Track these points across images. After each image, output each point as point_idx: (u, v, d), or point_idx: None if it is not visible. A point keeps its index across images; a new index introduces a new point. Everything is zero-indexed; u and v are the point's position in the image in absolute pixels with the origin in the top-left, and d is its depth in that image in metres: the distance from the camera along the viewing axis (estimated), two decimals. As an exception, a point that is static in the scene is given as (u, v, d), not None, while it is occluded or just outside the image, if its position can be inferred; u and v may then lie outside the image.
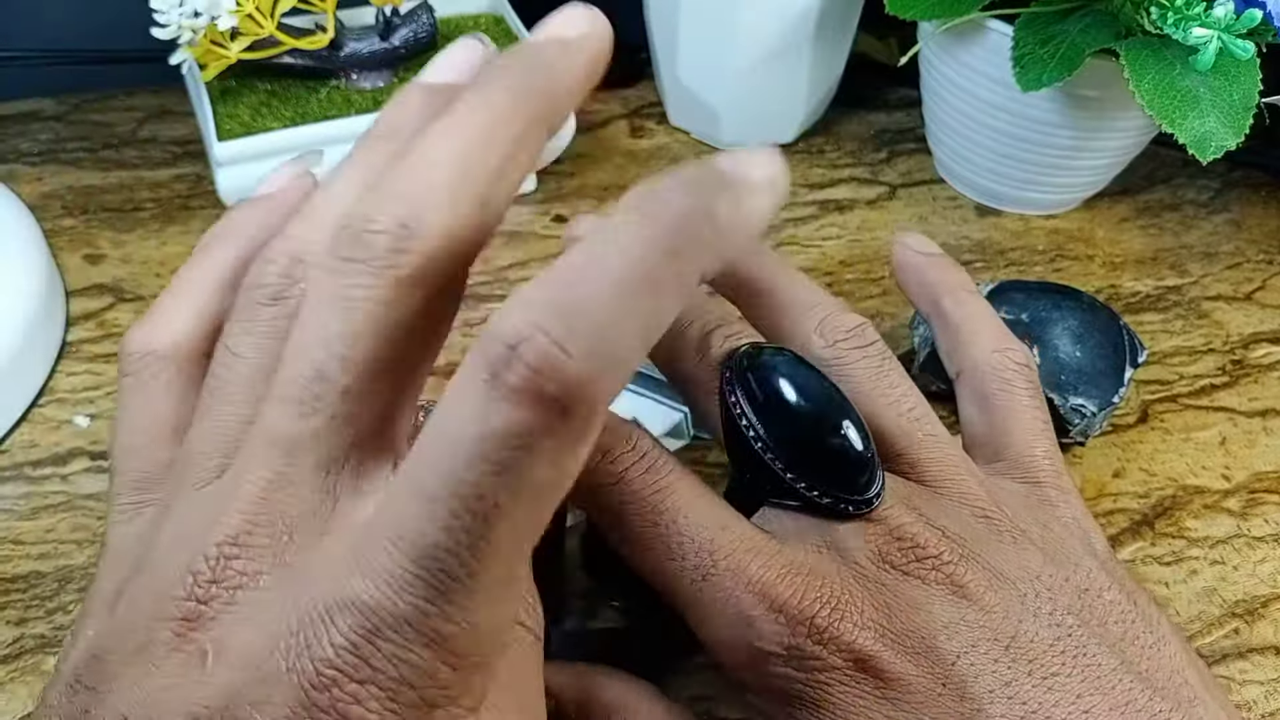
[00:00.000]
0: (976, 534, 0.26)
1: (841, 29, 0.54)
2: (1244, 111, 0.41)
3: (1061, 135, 0.48)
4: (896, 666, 0.24)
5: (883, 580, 0.25)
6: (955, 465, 0.28)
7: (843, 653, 0.24)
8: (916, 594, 0.25)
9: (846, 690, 0.24)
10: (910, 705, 0.24)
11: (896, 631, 0.24)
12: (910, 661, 0.24)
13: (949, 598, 0.25)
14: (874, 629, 0.24)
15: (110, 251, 0.47)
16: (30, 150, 0.52)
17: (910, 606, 0.24)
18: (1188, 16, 0.40)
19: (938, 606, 0.25)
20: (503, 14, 0.53)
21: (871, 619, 0.24)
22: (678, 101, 0.56)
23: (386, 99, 0.47)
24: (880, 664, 0.24)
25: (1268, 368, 0.46)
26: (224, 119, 0.45)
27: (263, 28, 0.44)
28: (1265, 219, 0.55)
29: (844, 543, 0.26)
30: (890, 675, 0.24)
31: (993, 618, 0.24)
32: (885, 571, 0.25)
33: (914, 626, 0.24)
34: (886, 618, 0.24)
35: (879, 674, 0.24)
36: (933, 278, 0.34)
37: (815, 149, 0.57)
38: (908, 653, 0.24)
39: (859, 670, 0.24)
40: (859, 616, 0.24)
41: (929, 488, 0.28)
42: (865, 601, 0.25)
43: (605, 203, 0.52)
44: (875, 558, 0.25)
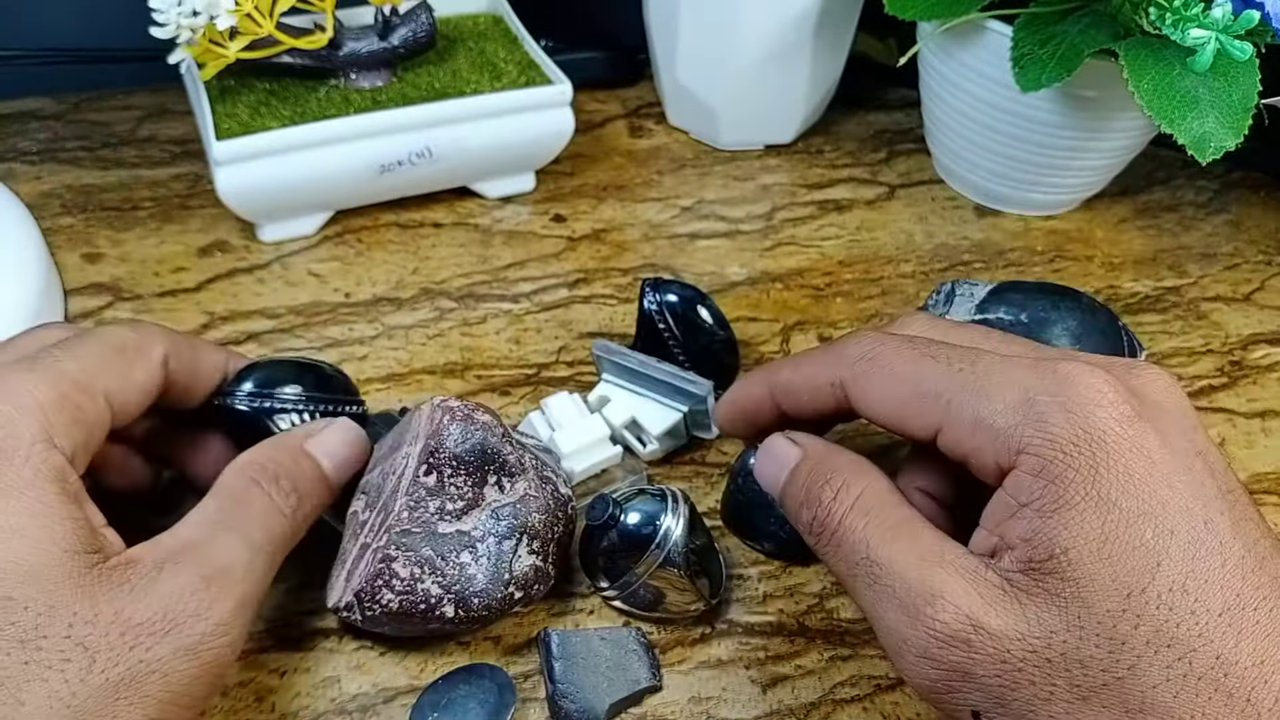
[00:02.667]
0: None
1: (841, 29, 0.54)
2: (1243, 112, 0.41)
3: (1061, 136, 0.48)
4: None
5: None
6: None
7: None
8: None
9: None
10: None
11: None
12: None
13: None
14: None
15: (109, 250, 0.47)
16: (29, 149, 0.52)
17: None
18: (1186, 17, 0.40)
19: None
20: (502, 14, 0.53)
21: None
22: (677, 101, 0.56)
23: (385, 98, 0.47)
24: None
25: (1266, 369, 0.46)
26: (222, 118, 0.45)
27: (261, 27, 0.44)
28: (1264, 220, 0.55)
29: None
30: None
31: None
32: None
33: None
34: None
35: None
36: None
37: (815, 149, 0.57)
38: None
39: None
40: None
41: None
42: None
43: (604, 202, 0.52)
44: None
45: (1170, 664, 0.23)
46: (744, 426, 0.34)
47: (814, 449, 0.30)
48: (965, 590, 0.25)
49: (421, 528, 0.31)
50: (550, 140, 0.50)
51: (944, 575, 0.25)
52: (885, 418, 0.29)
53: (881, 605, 0.26)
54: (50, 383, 0.28)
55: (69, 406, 0.28)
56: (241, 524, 0.29)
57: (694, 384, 0.37)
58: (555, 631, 0.32)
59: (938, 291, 0.42)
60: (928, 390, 0.27)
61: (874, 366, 0.29)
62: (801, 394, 0.31)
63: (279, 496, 0.30)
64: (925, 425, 0.28)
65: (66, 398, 0.28)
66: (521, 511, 0.32)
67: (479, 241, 0.49)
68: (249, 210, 0.46)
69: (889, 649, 0.26)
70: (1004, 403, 0.26)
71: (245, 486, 0.30)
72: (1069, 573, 0.24)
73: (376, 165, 0.46)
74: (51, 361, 0.28)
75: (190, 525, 0.29)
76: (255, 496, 0.30)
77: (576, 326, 0.45)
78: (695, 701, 0.32)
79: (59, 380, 0.28)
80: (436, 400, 0.32)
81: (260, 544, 0.29)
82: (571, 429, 0.38)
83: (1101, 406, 0.25)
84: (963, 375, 0.27)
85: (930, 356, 0.28)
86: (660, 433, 0.38)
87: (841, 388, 0.30)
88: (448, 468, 0.31)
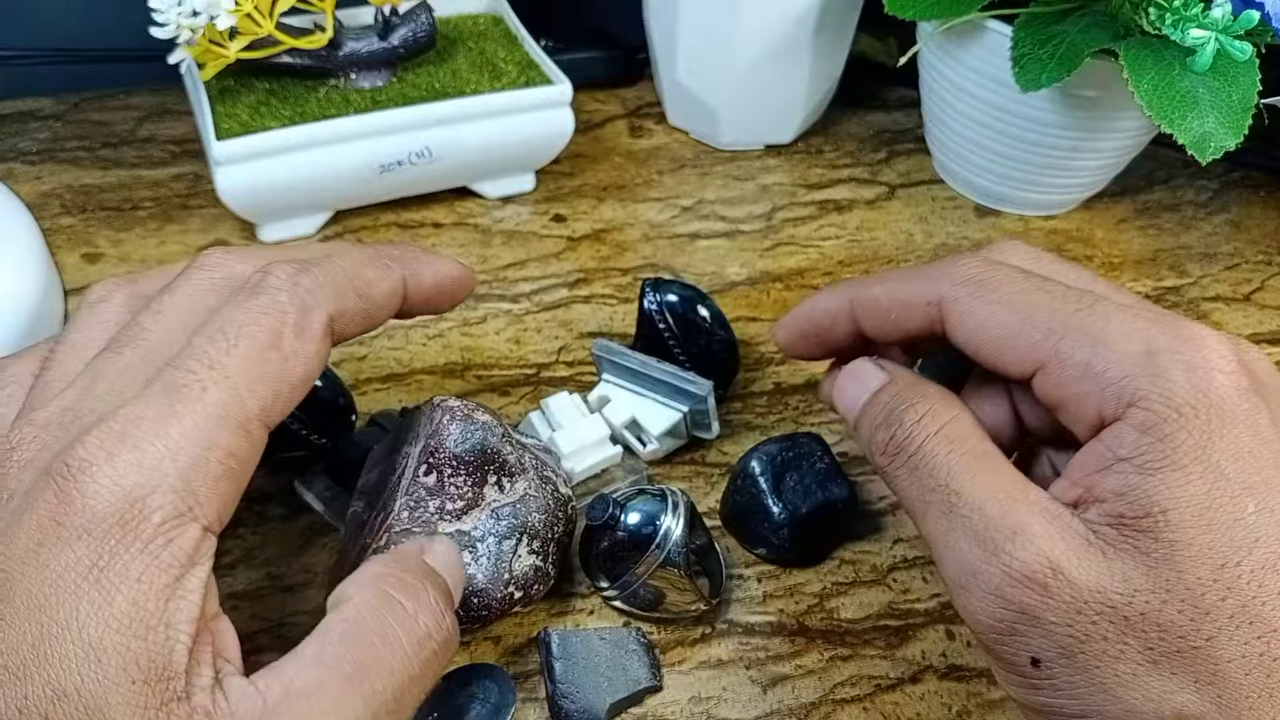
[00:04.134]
0: None
1: (841, 29, 0.54)
2: (1243, 112, 0.41)
3: (1061, 136, 0.48)
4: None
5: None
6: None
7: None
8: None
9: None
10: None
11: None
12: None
13: None
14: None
15: (108, 250, 0.47)
16: (29, 149, 0.52)
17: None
18: (1185, 17, 0.40)
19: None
20: (502, 14, 0.53)
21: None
22: (677, 101, 0.56)
23: (385, 98, 0.47)
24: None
25: (1266, 368, 0.46)
26: (222, 118, 0.45)
27: (261, 27, 0.44)
28: (1264, 220, 0.55)
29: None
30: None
31: None
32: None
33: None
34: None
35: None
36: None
37: (815, 149, 0.57)
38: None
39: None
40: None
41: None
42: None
43: (604, 202, 0.52)
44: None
45: (1249, 641, 0.22)
46: (810, 343, 0.32)
47: (902, 374, 0.29)
48: (1048, 532, 0.24)
49: (421, 528, 0.31)
50: (550, 140, 0.50)
51: (1027, 513, 0.24)
52: (983, 347, 0.27)
53: (954, 535, 0.25)
54: (198, 431, 0.22)
55: (219, 454, 0.23)
56: (370, 673, 0.23)
57: (694, 384, 0.37)
58: (555, 631, 0.32)
59: (938, 291, 0.42)
60: (1039, 325, 0.26)
61: (983, 290, 0.27)
62: (890, 310, 0.29)
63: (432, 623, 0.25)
64: (1025, 361, 0.26)
65: (217, 445, 0.23)
66: (521, 511, 0.32)
67: (479, 241, 0.49)
68: (249, 210, 0.46)
69: (953, 581, 0.25)
70: (1122, 351, 0.25)
71: (379, 615, 0.24)
72: (1165, 534, 0.23)
73: (376, 165, 0.46)
74: (199, 393, 0.23)
75: (305, 668, 0.23)
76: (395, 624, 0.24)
77: (576, 326, 0.45)
78: (695, 701, 0.32)
79: (209, 425, 0.22)
80: (436, 400, 0.32)
81: (387, 698, 0.23)
82: (572, 429, 0.38)
83: (1224, 373, 0.24)
84: (1079, 316, 0.26)
85: (1046, 291, 0.27)
86: (660, 433, 0.38)
87: (939, 308, 0.28)
88: (447, 468, 0.31)
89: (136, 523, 0.21)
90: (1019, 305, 0.27)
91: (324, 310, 0.26)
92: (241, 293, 0.25)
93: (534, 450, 0.34)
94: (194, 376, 0.23)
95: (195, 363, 0.23)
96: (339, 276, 0.27)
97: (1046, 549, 0.24)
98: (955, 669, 0.34)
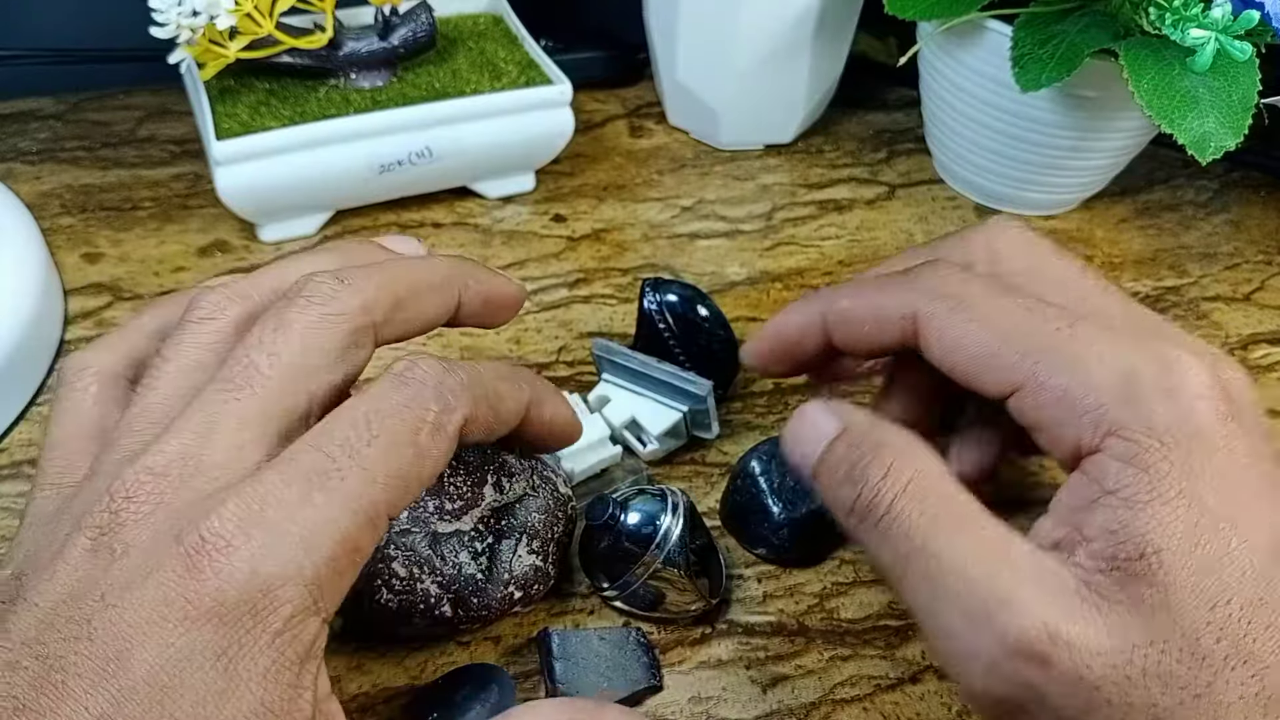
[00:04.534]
0: None
1: (841, 29, 0.54)
2: (1243, 112, 0.41)
3: (1061, 135, 0.48)
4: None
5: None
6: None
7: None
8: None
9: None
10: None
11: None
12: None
13: None
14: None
15: (108, 250, 0.47)
16: (29, 149, 0.52)
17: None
18: (1185, 17, 0.40)
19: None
20: (502, 14, 0.53)
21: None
22: (677, 101, 0.56)
23: (385, 98, 0.47)
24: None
25: (1266, 368, 0.46)
26: (222, 118, 0.45)
27: (261, 27, 0.44)
28: (1264, 219, 0.55)
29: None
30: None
31: None
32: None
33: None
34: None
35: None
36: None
37: (815, 149, 0.57)
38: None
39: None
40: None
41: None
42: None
43: (604, 202, 0.52)
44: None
45: (1244, 680, 0.22)
46: (781, 359, 0.31)
47: (857, 420, 0.27)
48: (1040, 595, 0.23)
49: (420, 527, 0.31)
50: (550, 140, 0.50)
51: (1014, 576, 0.23)
52: (958, 365, 0.26)
53: (939, 605, 0.23)
54: (333, 523, 0.22)
55: (348, 548, 0.22)
56: None
57: (694, 384, 0.37)
58: (555, 631, 0.32)
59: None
60: (1017, 346, 0.25)
61: (960, 307, 0.26)
62: (863, 324, 0.28)
63: None
64: (1002, 382, 0.25)
65: (348, 540, 0.22)
66: (521, 511, 0.32)
67: (479, 241, 0.49)
68: (249, 210, 0.46)
69: (948, 657, 0.24)
70: (1100, 378, 0.24)
71: None
72: (1158, 576, 0.22)
73: (376, 165, 0.46)
74: (338, 482, 0.22)
75: None
76: None
77: (576, 326, 0.45)
78: (695, 701, 0.32)
79: (344, 518, 0.22)
80: (436, 400, 0.32)
81: None
82: (571, 429, 0.38)
83: (1204, 398, 0.23)
84: (1058, 338, 0.25)
85: (1026, 310, 0.26)
86: (660, 433, 0.38)
87: (914, 323, 0.27)
88: (447, 467, 0.31)
89: (267, 614, 0.21)
90: (997, 325, 0.26)
91: (462, 413, 0.25)
92: (388, 379, 0.25)
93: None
94: (334, 465, 0.22)
95: (337, 449, 0.23)
96: (479, 385, 0.26)
97: (1042, 614, 0.22)
98: (955, 669, 0.34)
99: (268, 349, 0.24)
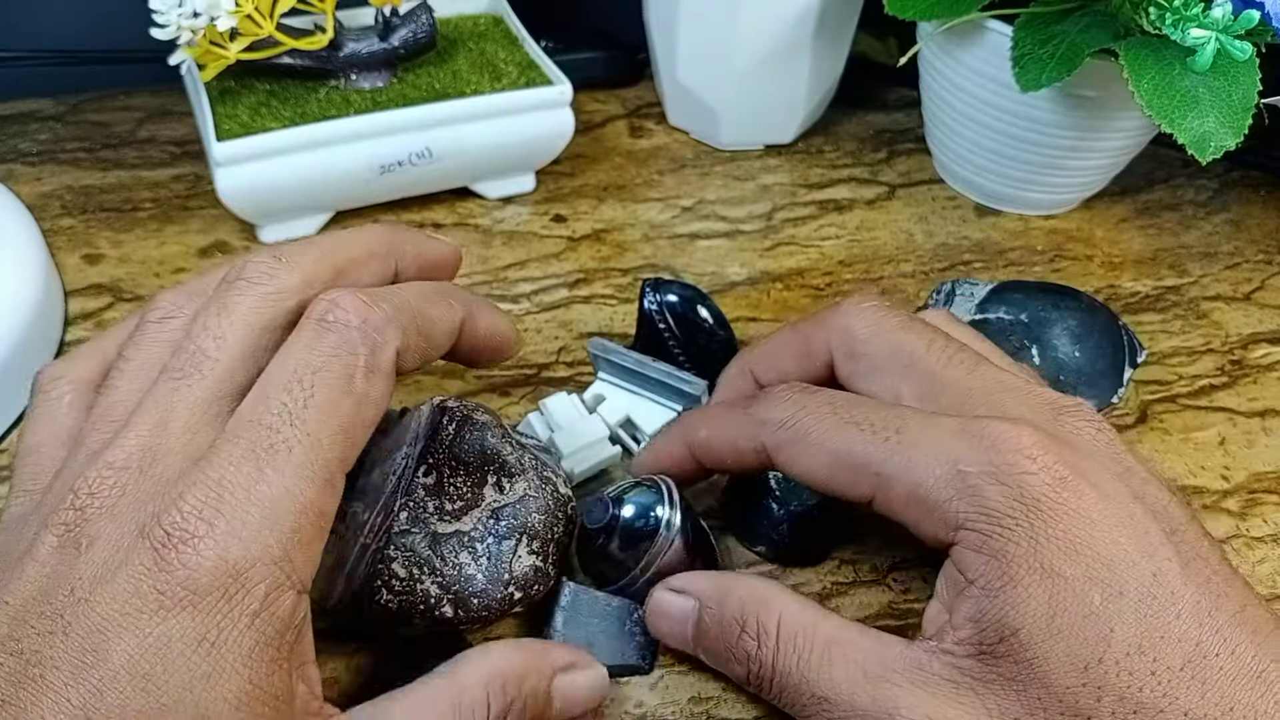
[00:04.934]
0: None
1: (841, 29, 0.54)
2: (1243, 112, 0.41)
3: (1061, 135, 0.48)
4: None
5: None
6: None
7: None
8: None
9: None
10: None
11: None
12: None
13: None
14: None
15: (109, 251, 0.47)
16: (29, 150, 0.52)
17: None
18: (1186, 17, 0.40)
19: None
20: (502, 14, 0.53)
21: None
22: (677, 101, 0.56)
23: (385, 99, 0.47)
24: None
25: (1267, 368, 0.46)
26: (223, 119, 0.45)
27: (262, 28, 0.44)
28: (1264, 219, 0.55)
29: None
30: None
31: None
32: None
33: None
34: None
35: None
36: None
37: (815, 149, 0.57)
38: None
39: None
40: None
41: None
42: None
43: (604, 202, 0.52)
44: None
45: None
46: (673, 475, 0.33)
47: (707, 593, 0.29)
48: (920, 696, 0.24)
49: (420, 528, 0.31)
50: (550, 140, 0.50)
51: (894, 688, 0.25)
52: (815, 483, 0.28)
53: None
54: (290, 496, 0.22)
55: (311, 516, 0.23)
56: None
57: (689, 384, 0.37)
58: (571, 584, 0.33)
59: (938, 291, 0.43)
60: (855, 462, 0.27)
61: (796, 434, 0.28)
62: (724, 455, 0.31)
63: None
64: (858, 494, 0.27)
65: (308, 508, 0.23)
66: (521, 512, 0.32)
67: (479, 242, 0.49)
68: (249, 211, 0.46)
69: None
70: (934, 476, 0.25)
71: (469, 707, 0.25)
72: (1022, 654, 0.23)
73: (377, 166, 0.46)
74: (285, 454, 0.23)
75: (400, 709, 0.24)
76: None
77: (577, 327, 0.45)
78: (695, 701, 0.32)
79: (299, 487, 0.22)
80: (436, 400, 0.32)
81: None
82: (571, 430, 0.38)
83: (1031, 473, 0.24)
84: (889, 445, 0.26)
85: (854, 424, 0.27)
86: (654, 432, 0.38)
87: (767, 454, 0.29)
88: (447, 468, 0.31)
89: (241, 596, 0.21)
90: (832, 446, 0.28)
91: (393, 347, 0.26)
92: (309, 327, 0.25)
93: (534, 450, 0.34)
94: (279, 436, 0.23)
95: (275, 418, 0.23)
96: (405, 313, 0.26)
97: (926, 711, 0.24)
98: (955, 669, 0.34)
99: (213, 333, 0.25)
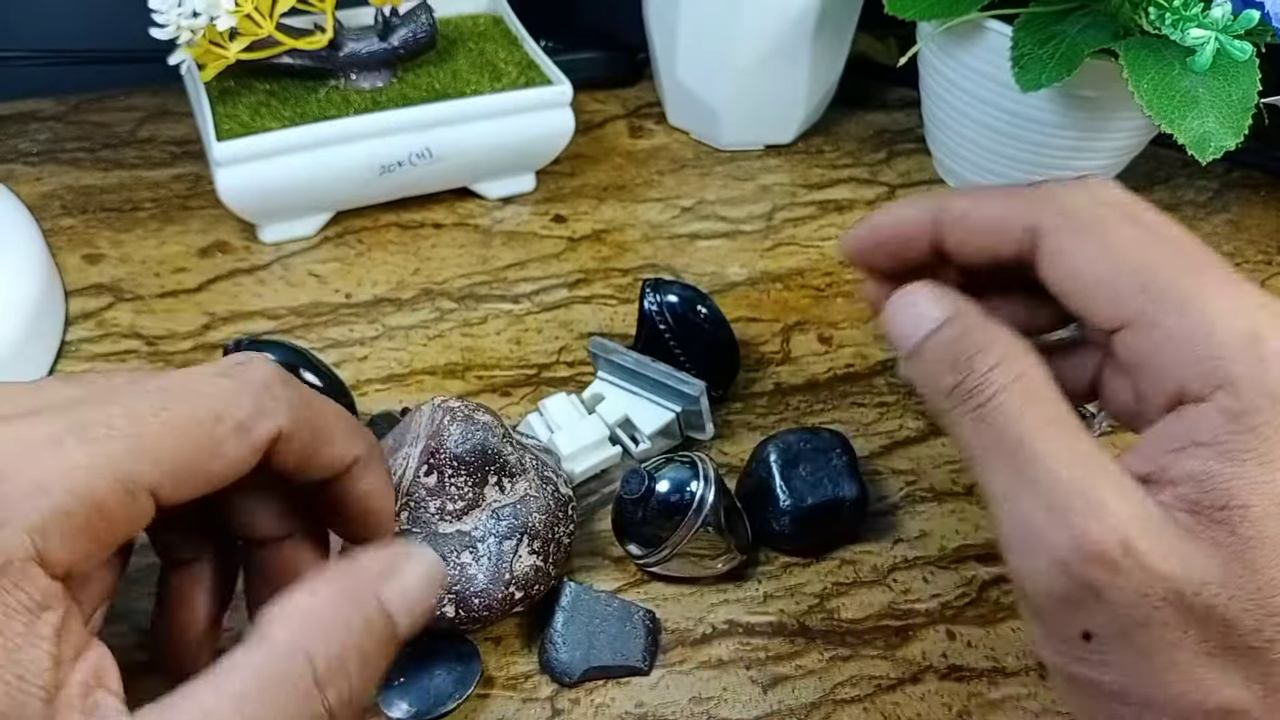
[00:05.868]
0: None
1: (841, 29, 0.54)
2: (1243, 112, 0.41)
3: (1061, 136, 0.48)
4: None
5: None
6: None
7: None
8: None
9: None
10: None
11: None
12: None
13: None
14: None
15: (109, 251, 0.47)
16: (29, 150, 0.52)
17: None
18: (1185, 17, 0.40)
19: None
20: (501, 14, 0.53)
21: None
22: (677, 102, 0.56)
23: (385, 99, 0.47)
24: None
25: (1266, 368, 0.46)
26: (223, 119, 0.45)
27: (261, 28, 0.44)
28: (1264, 219, 0.55)
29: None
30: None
31: None
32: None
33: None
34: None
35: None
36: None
37: (815, 149, 0.57)
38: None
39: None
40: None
41: None
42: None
43: (604, 202, 0.52)
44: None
45: None
46: (878, 254, 0.29)
47: (969, 310, 0.26)
48: (1124, 509, 0.23)
49: (422, 528, 0.31)
50: (550, 140, 0.50)
51: (1104, 486, 0.23)
52: (1075, 290, 0.25)
53: (1021, 495, 0.23)
54: (74, 476, 0.21)
55: (88, 507, 0.21)
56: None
57: (687, 384, 0.37)
58: (573, 584, 0.33)
59: (938, 291, 0.42)
60: (1141, 279, 0.24)
61: (1088, 227, 0.25)
62: (980, 231, 0.27)
63: (335, 702, 0.22)
64: (1115, 314, 0.25)
65: (89, 498, 0.21)
66: (522, 512, 0.32)
67: (479, 242, 0.49)
68: (249, 211, 0.46)
69: (1012, 543, 0.24)
70: (1225, 329, 0.23)
71: (293, 679, 0.21)
72: (1242, 529, 0.22)
73: (377, 166, 0.46)
74: (102, 439, 0.21)
75: (201, 704, 0.20)
76: (298, 701, 0.21)
77: (577, 327, 0.45)
78: (695, 701, 0.32)
79: (90, 476, 0.21)
80: (437, 401, 0.32)
81: None
82: (570, 430, 0.38)
83: None
84: (1186, 280, 0.24)
85: (1158, 245, 0.25)
86: (652, 432, 0.38)
87: (1034, 237, 0.26)
88: (448, 468, 0.31)
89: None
90: (1123, 254, 0.25)
91: (276, 424, 0.24)
92: (213, 368, 0.24)
93: (534, 451, 0.34)
94: (111, 426, 0.21)
95: (119, 410, 0.21)
96: (309, 409, 0.25)
97: (1122, 526, 0.22)
98: (955, 669, 0.34)
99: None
